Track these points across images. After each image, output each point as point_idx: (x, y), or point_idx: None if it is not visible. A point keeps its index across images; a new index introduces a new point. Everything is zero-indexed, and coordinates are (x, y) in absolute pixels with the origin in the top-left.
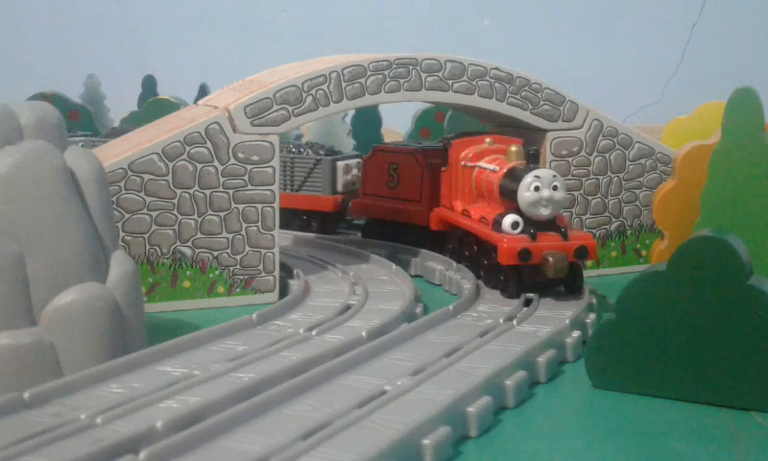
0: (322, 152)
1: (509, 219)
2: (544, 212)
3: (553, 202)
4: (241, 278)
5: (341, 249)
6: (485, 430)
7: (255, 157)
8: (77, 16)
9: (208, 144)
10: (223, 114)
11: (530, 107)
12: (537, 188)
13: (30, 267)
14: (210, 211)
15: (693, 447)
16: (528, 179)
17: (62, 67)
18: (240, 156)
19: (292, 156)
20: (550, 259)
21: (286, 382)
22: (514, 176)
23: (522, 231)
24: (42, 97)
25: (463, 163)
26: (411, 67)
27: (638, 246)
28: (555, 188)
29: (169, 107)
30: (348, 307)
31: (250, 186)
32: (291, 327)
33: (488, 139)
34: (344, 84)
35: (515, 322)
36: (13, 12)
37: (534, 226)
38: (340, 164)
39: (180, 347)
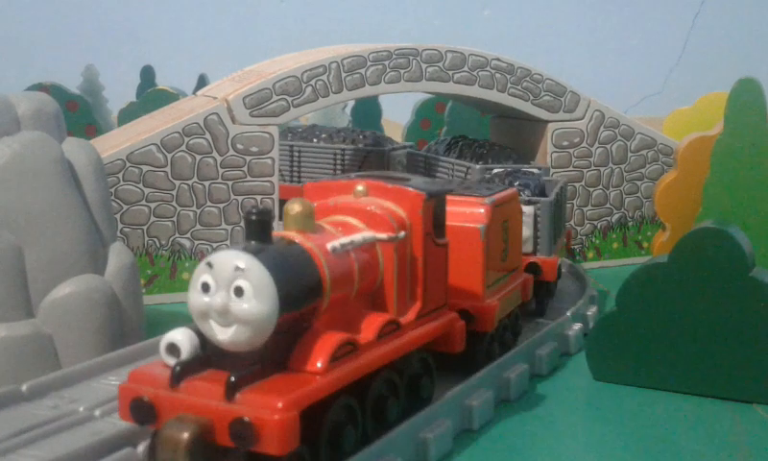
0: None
1: (169, 337)
2: (219, 335)
3: (234, 318)
4: None
5: None
6: (486, 423)
7: (254, 149)
8: (75, 7)
9: (207, 135)
10: (222, 105)
11: (531, 97)
12: (205, 287)
13: (28, 259)
14: (209, 203)
15: (695, 439)
16: (198, 268)
17: (61, 58)
18: (239, 147)
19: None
20: (161, 434)
21: None
22: None
23: (180, 364)
24: (40, 88)
25: None
26: (411, 58)
27: (640, 237)
28: (239, 292)
29: (168, 97)
30: None
31: (249, 178)
32: None
33: (359, 187)
34: (343, 75)
35: None
36: (12, 2)
37: (218, 358)
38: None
39: None
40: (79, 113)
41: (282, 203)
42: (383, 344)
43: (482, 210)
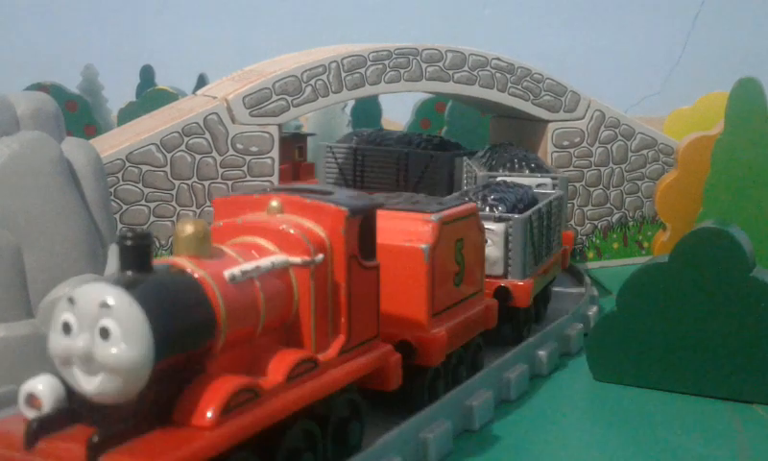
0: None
1: (28, 385)
2: (84, 385)
3: (100, 366)
4: None
5: None
6: (486, 423)
7: (254, 148)
8: (74, 6)
9: (207, 135)
10: (221, 105)
11: (531, 97)
12: (66, 328)
13: (27, 259)
14: (209, 203)
15: (695, 439)
16: (59, 304)
17: (60, 57)
18: (239, 146)
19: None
20: None
21: None
22: None
23: (37, 420)
24: (40, 87)
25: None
26: (411, 57)
27: (640, 237)
28: (105, 334)
29: (167, 97)
30: None
31: (249, 177)
32: None
33: (274, 202)
34: (343, 75)
35: None
36: (12, 1)
37: (88, 412)
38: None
39: None
40: (78, 113)
41: None
42: (295, 387)
43: (427, 228)
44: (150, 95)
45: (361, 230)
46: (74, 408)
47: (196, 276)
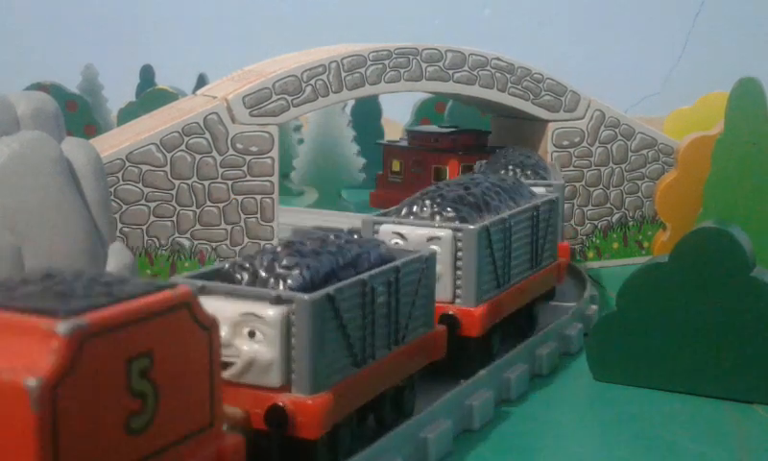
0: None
1: None
2: None
3: None
4: None
5: None
6: (486, 423)
7: (254, 148)
8: (74, 6)
9: (207, 135)
10: (221, 104)
11: (531, 97)
12: None
13: (27, 259)
14: (209, 202)
15: (695, 439)
16: None
17: (60, 57)
18: (239, 146)
19: None
20: None
21: None
22: None
23: None
24: (40, 87)
25: None
26: (411, 57)
27: (640, 237)
28: None
29: (167, 97)
30: None
31: (249, 177)
32: None
33: None
34: (343, 74)
35: None
36: (10, 1)
37: None
38: None
39: None
40: (78, 113)
41: None
42: None
43: (50, 346)
44: (150, 95)
45: None
46: None
47: None
